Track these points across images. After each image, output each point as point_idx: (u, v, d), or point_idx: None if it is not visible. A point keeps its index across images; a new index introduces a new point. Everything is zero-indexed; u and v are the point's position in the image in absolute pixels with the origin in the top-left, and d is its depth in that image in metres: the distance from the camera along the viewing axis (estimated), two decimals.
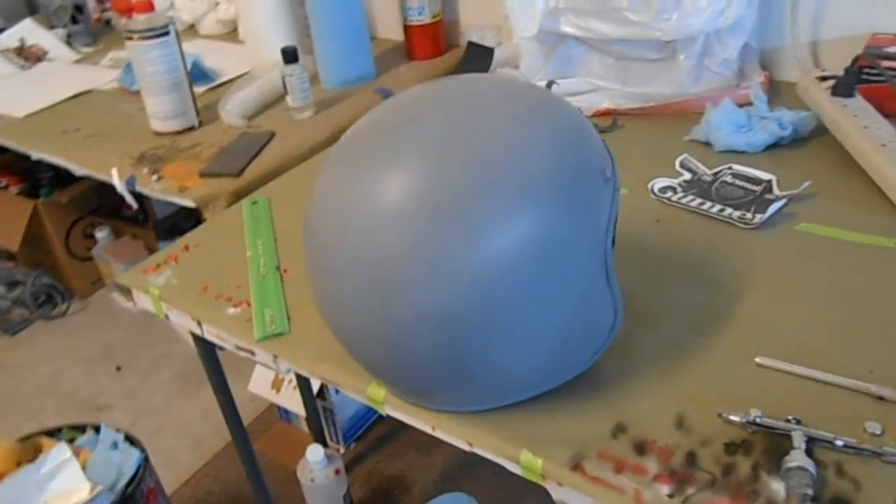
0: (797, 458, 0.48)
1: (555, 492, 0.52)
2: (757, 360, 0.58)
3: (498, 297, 0.48)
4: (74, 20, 1.61)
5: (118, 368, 1.74)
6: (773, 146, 0.90)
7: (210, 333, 0.73)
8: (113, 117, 1.22)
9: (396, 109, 0.53)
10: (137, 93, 1.28)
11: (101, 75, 1.41)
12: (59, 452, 0.92)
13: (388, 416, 0.61)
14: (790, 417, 0.52)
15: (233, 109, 1.13)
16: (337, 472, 1.18)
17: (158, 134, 1.12)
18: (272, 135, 1.08)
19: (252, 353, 0.69)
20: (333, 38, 1.22)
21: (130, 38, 1.04)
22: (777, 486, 0.48)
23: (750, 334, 0.61)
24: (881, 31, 0.98)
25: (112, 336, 1.85)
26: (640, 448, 0.52)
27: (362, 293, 0.50)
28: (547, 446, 0.53)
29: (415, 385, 0.55)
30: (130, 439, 1.03)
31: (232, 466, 1.46)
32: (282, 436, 1.49)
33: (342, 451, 1.45)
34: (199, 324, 0.73)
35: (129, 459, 0.99)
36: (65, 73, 1.47)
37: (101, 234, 1.90)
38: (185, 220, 1.90)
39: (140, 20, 1.04)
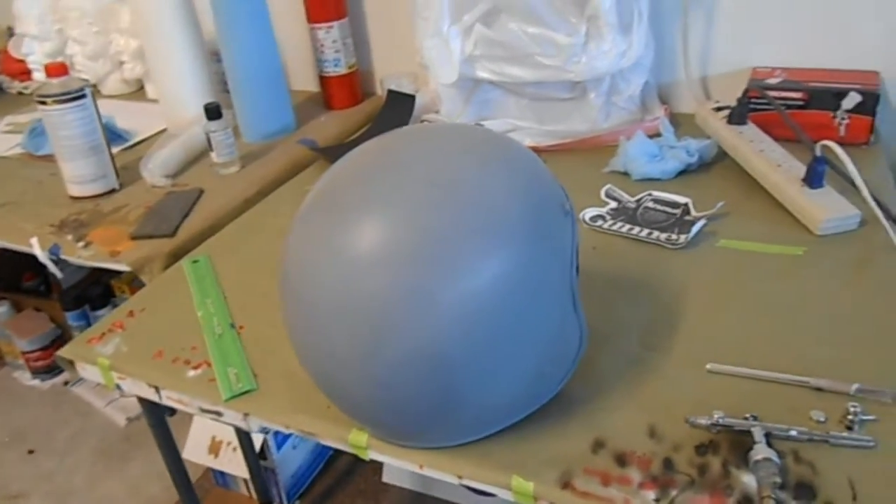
0: (761, 451, 0.53)
1: None
2: (707, 366, 0.64)
3: (481, 334, 0.51)
4: None
5: (30, 452, 1.61)
6: (683, 172, 0.98)
7: (170, 399, 0.71)
8: (21, 184, 1.16)
9: (367, 159, 0.55)
10: (44, 157, 1.24)
11: (0, 142, 1.34)
12: None
13: (332, 464, 0.62)
14: (747, 415, 0.57)
15: (155, 169, 1.11)
16: None
17: (76, 199, 1.08)
18: (201, 192, 1.07)
19: (219, 413, 0.68)
20: (253, 93, 1.22)
21: (44, 103, 1.01)
22: (747, 479, 0.53)
23: (696, 344, 0.67)
24: (760, 66, 1.10)
25: (19, 417, 1.72)
26: (621, 460, 0.56)
27: (349, 340, 0.51)
28: (534, 469, 0.55)
29: (401, 425, 0.56)
30: None
31: None
32: (220, 502, 1.43)
33: None
34: (158, 390, 0.71)
35: None
36: None
37: (0, 309, 1.77)
38: (92, 288, 1.81)
39: (54, 84, 1.01)
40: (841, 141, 0.89)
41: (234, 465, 1.33)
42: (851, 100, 0.98)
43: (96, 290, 1.80)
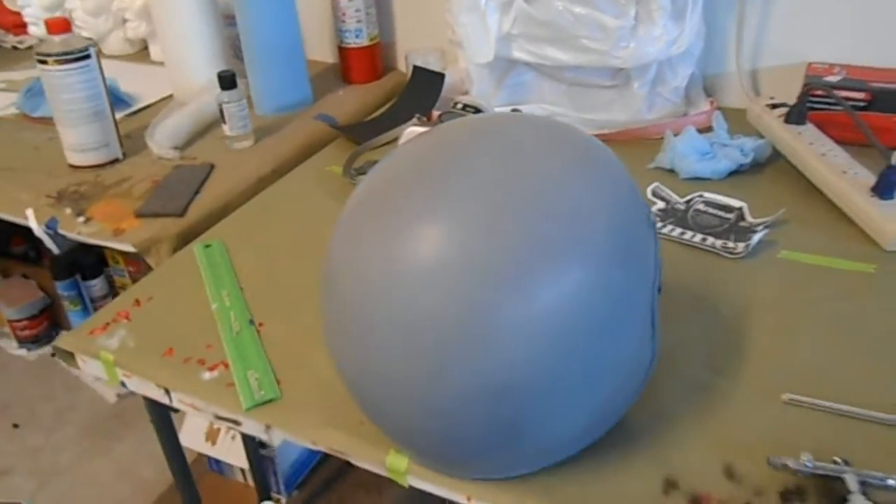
0: (858, 502, 0.47)
1: None
2: (784, 397, 0.58)
3: (556, 360, 0.44)
4: None
5: (15, 426, 1.54)
6: (733, 173, 0.92)
7: (182, 402, 0.64)
8: (15, 149, 1.08)
9: (433, 152, 0.48)
10: (42, 120, 1.15)
11: None
12: None
13: (350, 465, 0.55)
14: (837, 459, 0.51)
15: (162, 139, 1.03)
16: None
17: (76, 168, 1.00)
18: (212, 167, 0.99)
19: (237, 423, 0.61)
20: (269, 62, 1.14)
21: (44, 63, 0.92)
22: None
23: (768, 369, 0.61)
24: (815, 61, 1.03)
25: (4, 389, 1.65)
26: (698, 503, 0.50)
27: (404, 363, 0.44)
28: None
29: (452, 454, 0.50)
30: None
31: None
32: (215, 488, 1.37)
33: (284, 500, 1.35)
34: (168, 392, 0.64)
35: None
36: None
37: None
38: (85, 256, 1.73)
39: (55, 42, 0.92)
40: None
41: (233, 453, 1.27)
42: None
43: (89, 259, 1.72)
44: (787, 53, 1.05)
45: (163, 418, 0.81)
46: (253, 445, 1.22)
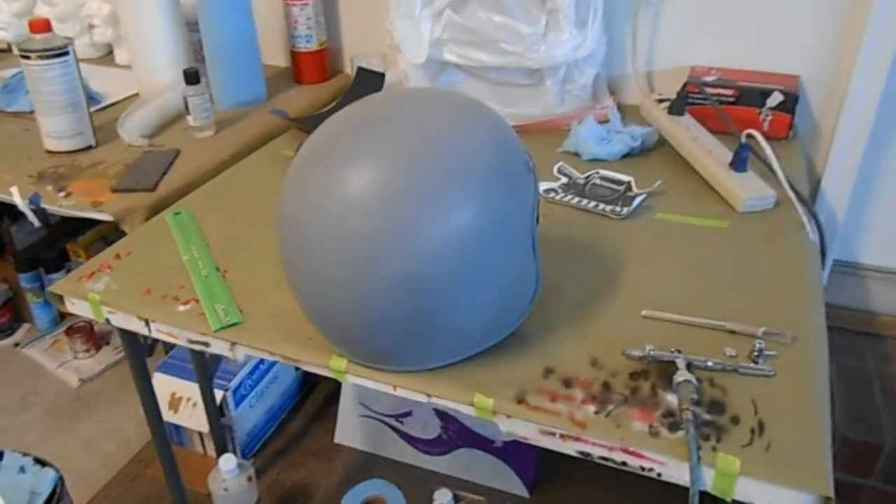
0: (682, 375, 0.63)
1: (503, 424, 0.64)
2: (642, 312, 0.74)
3: (454, 267, 0.59)
4: None
5: None
6: (627, 155, 1.09)
7: (159, 331, 0.77)
8: None
9: (359, 115, 0.63)
10: (17, 114, 1.26)
11: None
12: None
13: (289, 424, 0.69)
14: (673, 349, 0.67)
15: (132, 129, 1.15)
16: (249, 479, 1.21)
17: (53, 153, 1.12)
18: (178, 152, 1.12)
19: (206, 344, 0.75)
20: (228, 62, 1.27)
21: (28, 58, 1.04)
22: (671, 398, 0.63)
23: (633, 295, 0.77)
24: (697, 65, 1.22)
25: None
26: (567, 383, 0.65)
27: (343, 267, 0.59)
28: (494, 389, 0.65)
29: (380, 347, 0.64)
30: (41, 461, 1.00)
31: (125, 495, 1.42)
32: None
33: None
34: (147, 323, 0.77)
35: (44, 480, 0.97)
36: None
37: None
38: (47, 251, 1.82)
39: (37, 39, 1.05)
40: (765, 135, 1.00)
41: (193, 420, 1.38)
42: (775, 99, 1.10)
43: (51, 254, 1.81)
44: (675, 58, 1.24)
45: (142, 372, 0.92)
46: (214, 410, 1.33)
